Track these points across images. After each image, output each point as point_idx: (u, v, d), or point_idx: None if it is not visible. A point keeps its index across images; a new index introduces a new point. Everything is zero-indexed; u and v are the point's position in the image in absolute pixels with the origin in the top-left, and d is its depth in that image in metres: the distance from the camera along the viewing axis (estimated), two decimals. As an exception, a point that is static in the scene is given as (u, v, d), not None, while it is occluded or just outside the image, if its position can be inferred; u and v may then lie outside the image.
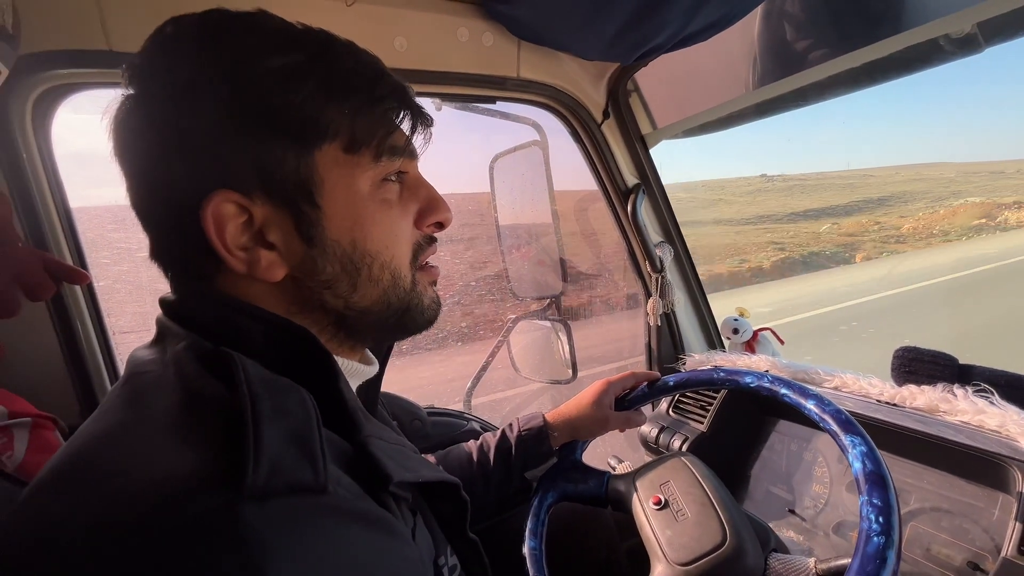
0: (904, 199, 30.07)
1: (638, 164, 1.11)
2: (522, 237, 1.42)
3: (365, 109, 0.39)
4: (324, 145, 0.37)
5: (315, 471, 0.29)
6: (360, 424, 0.36)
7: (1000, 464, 0.62)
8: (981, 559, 0.62)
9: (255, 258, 0.37)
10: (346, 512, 0.30)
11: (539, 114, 1.14)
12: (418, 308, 0.44)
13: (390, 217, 0.41)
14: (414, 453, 0.44)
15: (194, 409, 0.31)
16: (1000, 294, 7.84)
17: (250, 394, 0.30)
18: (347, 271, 0.39)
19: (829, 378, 0.88)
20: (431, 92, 0.93)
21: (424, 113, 0.43)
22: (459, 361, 2.56)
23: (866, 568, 0.42)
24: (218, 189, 0.35)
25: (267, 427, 0.29)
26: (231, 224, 0.35)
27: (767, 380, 0.63)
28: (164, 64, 0.36)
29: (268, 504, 0.27)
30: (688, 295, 1.22)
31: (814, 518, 0.82)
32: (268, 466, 0.27)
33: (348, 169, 0.38)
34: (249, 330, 0.36)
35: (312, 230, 0.38)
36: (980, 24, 0.68)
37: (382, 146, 0.40)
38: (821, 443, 0.87)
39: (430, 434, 0.96)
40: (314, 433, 0.31)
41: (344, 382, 0.37)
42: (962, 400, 0.68)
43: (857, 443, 0.51)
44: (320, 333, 0.41)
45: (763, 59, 0.83)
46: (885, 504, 0.45)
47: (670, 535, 0.57)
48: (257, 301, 0.38)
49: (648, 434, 1.03)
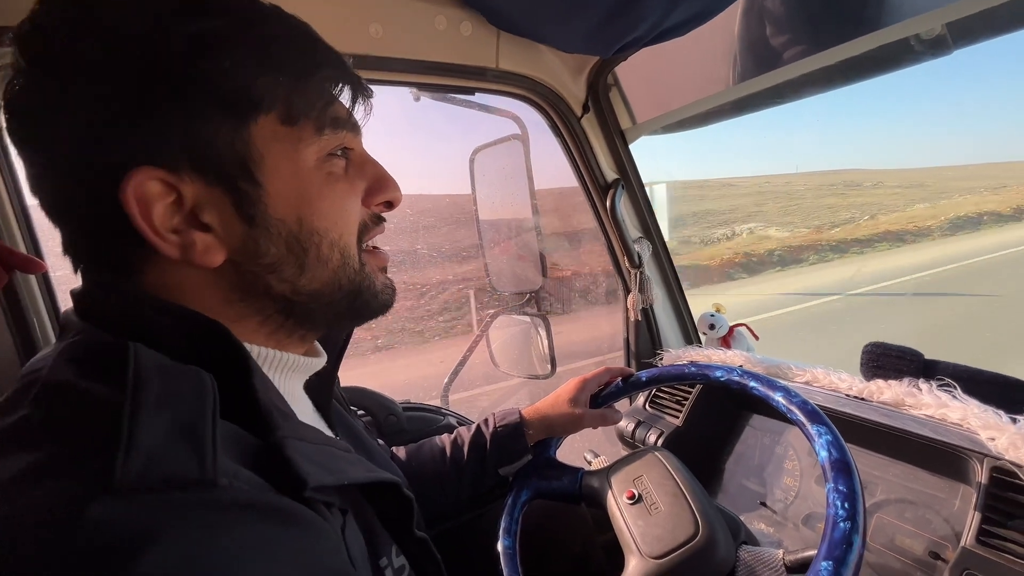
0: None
1: (617, 159, 1.11)
2: (502, 231, 1.41)
3: (302, 78, 0.36)
4: (260, 117, 0.34)
5: (201, 464, 0.27)
6: (275, 424, 0.33)
7: (961, 456, 0.64)
8: (942, 548, 0.63)
9: (189, 241, 0.34)
10: (240, 506, 0.27)
11: (519, 108, 1.13)
12: (370, 291, 0.42)
13: (337, 191, 0.39)
14: (346, 452, 0.40)
15: (68, 410, 0.28)
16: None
17: (133, 380, 0.27)
18: (293, 251, 0.37)
19: (800, 373, 0.89)
20: (407, 81, 0.92)
21: (364, 83, 0.41)
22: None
23: (833, 553, 0.43)
24: (139, 166, 0.31)
25: (147, 417, 0.26)
26: (158, 205, 0.32)
27: (736, 374, 0.65)
28: (63, 32, 0.32)
29: (138, 498, 0.24)
30: (666, 291, 1.22)
31: (784, 510, 0.83)
32: (144, 458, 0.25)
33: (289, 143, 0.36)
34: (155, 323, 0.33)
35: (253, 209, 0.35)
36: (948, 25, 0.69)
37: (323, 117, 0.37)
38: (792, 437, 0.88)
39: (406, 429, 0.95)
40: (205, 421, 0.28)
41: (260, 379, 0.34)
42: (926, 394, 0.69)
43: (823, 432, 0.53)
44: (263, 323, 0.39)
45: (741, 56, 0.83)
46: (850, 491, 0.47)
47: (644, 529, 0.57)
48: (191, 289, 0.35)
49: (625, 428, 1.03)
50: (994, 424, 0.60)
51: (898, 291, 10.25)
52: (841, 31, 0.74)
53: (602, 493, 0.65)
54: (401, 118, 4.42)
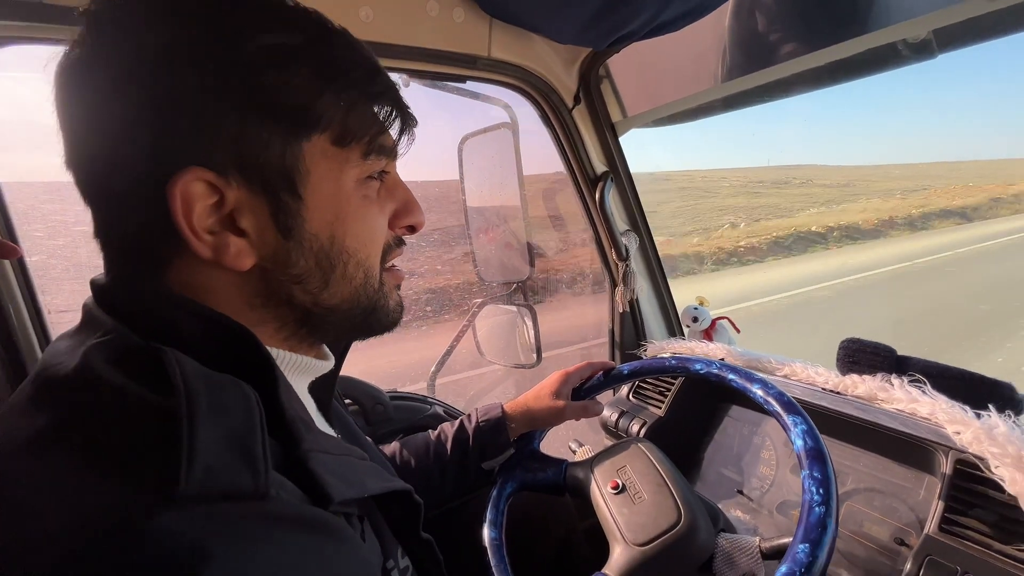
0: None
1: (607, 151, 1.11)
2: (490, 220, 1.41)
3: (361, 104, 0.37)
4: (314, 135, 0.35)
5: (255, 476, 0.28)
6: (300, 437, 0.34)
7: (928, 449, 0.67)
8: (906, 535, 0.67)
9: (223, 243, 0.34)
10: (288, 518, 0.29)
11: (509, 96, 1.13)
12: (384, 309, 0.43)
13: (370, 215, 0.40)
14: (362, 460, 0.41)
15: (114, 413, 0.28)
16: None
17: (185, 390, 0.27)
18: (321, 267, 0.38)
19: (780, 366, 0.92)
20: (398, 67, 0.90)
21: (412, 116, 0.42)
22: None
23: (810, 536, 0.46)
24: (191, 166, 0.32)
25: (203, 427, 0.27)
26: (199, 204, 0.33)
27: (715, 367, 0.68)
28: (137, 19, 0.32)
29: (198, 510, 0.25)
30: (651, 283, 1.24)
31: (760, 498, 0.86)
32: (202, 471, 0.26)
33: (336, 163, 0.37)
34: (183, 325, 0.34)
35: (291, 221, 0.36)
36: (935, 31, 0.70)
37: (372, 144, 0.38)
38: (769, 428, 0.91)
39: (393, 418, 0.95)
40: (256, 434, 0.29)
41: (285, 390, 0.35)
42: (898, 389, 0.72)
43: (798, 422, 0.56)
44: (280, 329, 0.39)
45: (732, 53, 0.84)
46: (824, 477, 0.50)
47: (628, 517, 0.59)
48: (216, 289, 0.36)
49: (608, 418, 1.06)
50: (960, 419, 0.63)
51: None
52: (831, 33, 0.75)
53: (586, 484, 0.67)
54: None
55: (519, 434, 0.75)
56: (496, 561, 0.63)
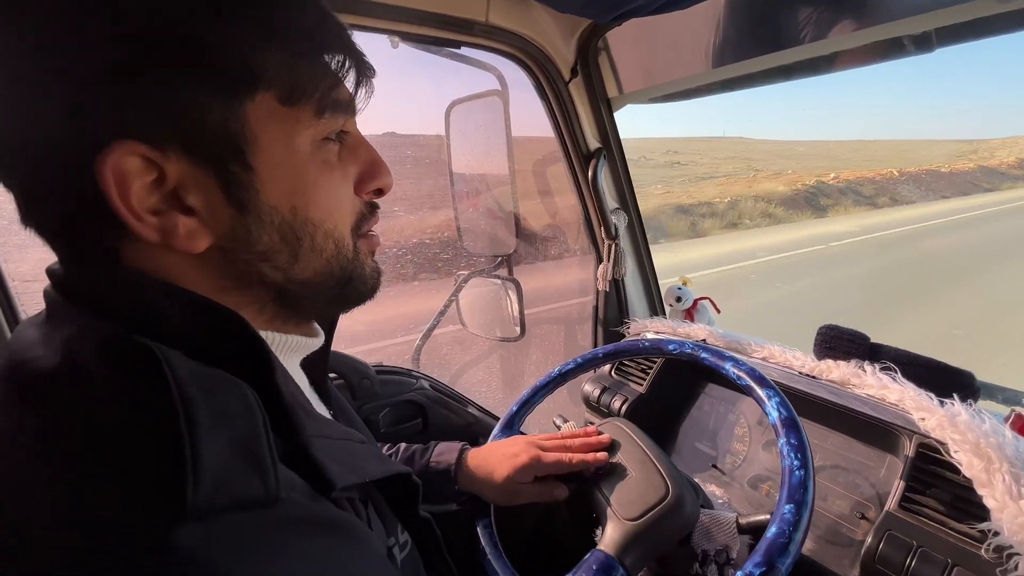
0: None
1: (601, 127, 1.10)
2: (476, 190, 1.38)
3: (308, 55, 0.33)
4: (258, 95, 0.31)
5: (264, 482, 0.27)
6: (300, 424, 0.32)
7: (894, 432, 0.71)
8: (867, 509, 0.72)
9: (170, 225, 0.31)
10: (301, 521, 0.28)
11: (501, 62, 1.08)
12: (360, 278, 0.41)
13: (332, 181, 0.37)
14: (361, 444, 0.40)
15: (112, 414, 0.26)
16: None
17: (182, 398, 0.26)
18: (287, 241, 0.35)
19: (759, 349, 0.95)
20: (388, 29, 0.85)
21: (369, 64, 0.38)
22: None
23: (794, 496, 0.50)
24: (120, 139, 0.28)
25: (206, 437, 0.25)
26: (136, 183, 0.29)
27: (688, 347, 0.70)
28: None
29: (213, 523, 0.24)
30: (636, 262, 1.25)
31: (732, 471, 0.91)
32: (211, 482, 0.25)
33: (287, 125, 0.33)
34: (165, 313, 0.31)
35: (244, 194, 0.32)
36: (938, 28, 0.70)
37: (325, 100, 0.34)
38: (744, 406, 0.95)
39: (378, 393, 0.95)
40: (262, 438, 0.28)
41: (282, 375, 0.33)
42: (870, 376, 0.76)
43: (772, 395, 0.59)
44: (261, 311, 0.37)
45: (735, 36, 0.82)
46: (800, 443, 0.54)
47: (618, 494, 0.61)
48: (177, 275, 0.33)
49: (591, 394, 1.08)
50: (926, 406, 0.67)
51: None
52: (833, 23, 0.74)
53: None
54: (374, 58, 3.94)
55: (469, 489, 0.67)
56: (491, 550, 0.65)
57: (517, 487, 0.65)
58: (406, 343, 1.62)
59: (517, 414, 0.79)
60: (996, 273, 7.97)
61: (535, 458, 0.65)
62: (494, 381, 1.51)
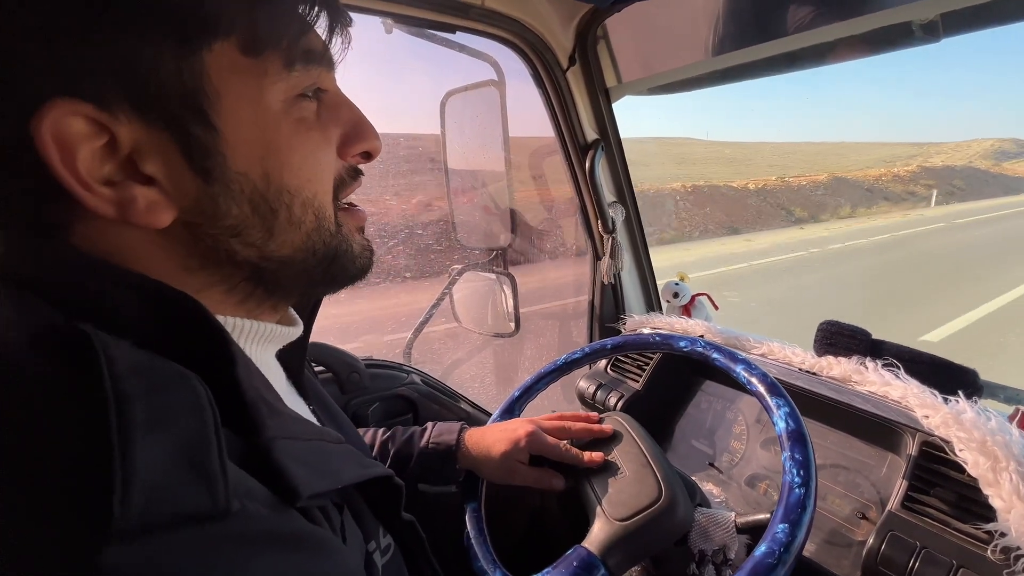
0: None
1: (599, 118, 1.07)
2: (471, 182, 1.36)
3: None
4: (215, 43, 0.28)
5: (212, 492, 0.23)
6: (262, 423, 0.29)
7: (896, 430, 0.69)
8: (867, 510, 0.70)
9: (127, 197, 0.28)
10: (257, 536, 0.25)
11: (497, 51, 1.06)
12: (348, 255, 0.37)
13: (310, 142, 0.33)
14: (337, 444, 0.36)
15: (31, 419, 0.22)
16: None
17: (116, 394, 0.22)
18: (259, 213, 0.31)
19: (757, 345, 0.93)
20: (381, 9, 0.82)
21: (344, 10, 0.34)
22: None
23: (789, 516, 0.48)
24: (56, 97, 0.25)
25: (141, 441, 0.22)
26: (84, 148, 0.26)
27: (700, 345, 0.68)
28: None
29: (147, 543, 0.21)
30: (633, 257, 1.23)
31: (729, 470, 0.89)
32: (144, 495, 0.21)
33: (252, 78, 0.30)
34: (111, 297, 0.27)
35: (208, 160, 0.29)
36: (943, 14, 0.69)
37: (294, 49, 0.31)
38: (742, 404, 0.94)
39: (367, 387, 0.93)
40: (210, 443, 0.24)
41: (244, 367, 0.30)
42: (872, 373, 0.75)
43: (782, 404, 0.57)
44: (230, 292, 0.34)
45: (737, 23, 0.80)
46: (805, 459, 0.51)
47: (610, 492, 0.59)
48: (135, 255, 0.29)
49: (586, 390, 1.06)
50: (930, 403, 0.66)
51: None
52: (837, 9, 0.72)
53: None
54: (363, 46, 3.83)
55: (466, 467, 0.67)
56: (475, 533, 0.63)
57: (514, 465, 0.64)
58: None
59: (519, 399, 0.77)
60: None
61: (532, 433, 0.65)
62: (487, 377, 1.48)
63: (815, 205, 25.20)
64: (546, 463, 0.66)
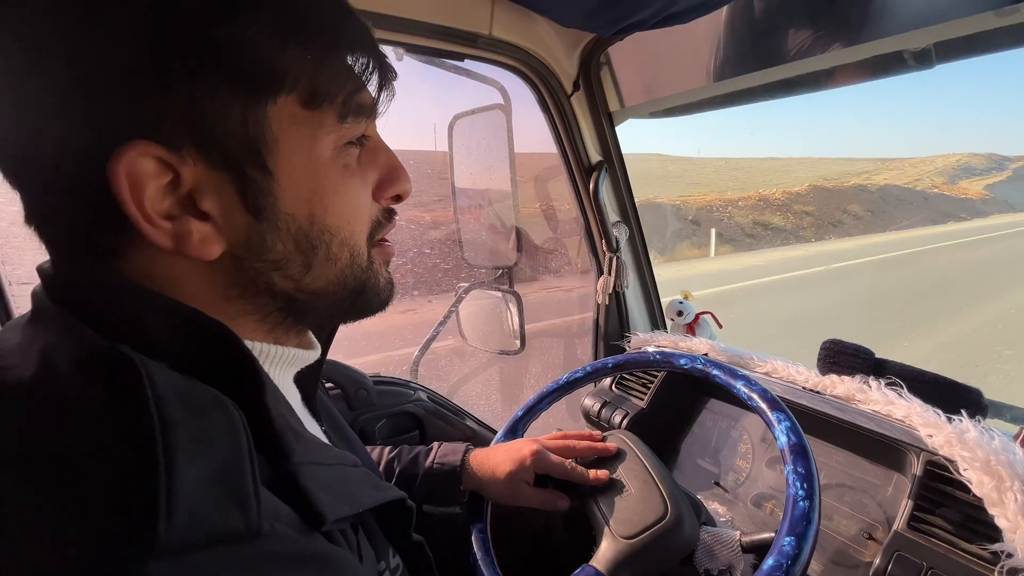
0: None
1: (603, 141, 1.10)
2: (479, 202, 1.39)
3: (332, 56, 0.32)
4: (280, 97, 0.30)
5: (245, 514, 0.25)
6: (290, 449, 0.30)
7: (900, 449, 0.70)
8: (874, 530, 0.70)
9: (184, 230, 0.30)
10: (285, 556, 0.26)
11: (503, 76, 1.09)
12: (374, 289, 0.39)
13: (352, 187, 0.36)
14: (355, 468, 0.38)
15: (83, 434, 0.24)
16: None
17: (161, 420, 0.24)
18: (301, 250, 0.34)
19: (761, 364, 0.94)
20: (393, 40, 0.86)
21: (391, 67, 0.37)
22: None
23: (795, 529, 0.48)
24: (135, 140, 0.27)
25: (183, 464, 0.24)
26: (151, 185, 0.28)
27: (700, 362, 0.69)
28: None
29: (185, 560, 0.22)
30: (637, 275, 1.25)
31: (735, 490, 0.89)
32: (185, 515, 0.23)
33: (308, 128, 0.32)
34: (151, 323, 0.30)
35: (262, 200, 0.31)
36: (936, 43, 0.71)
37: (349, 103, 0.33)
38: (747, 422, 0.94)
39: (375, 403, 0.94)
40: (245, 466, 0.26)
41: (272, 394, 0.31)
42: (875, 391, 0.75)
43: (782, 419, 0.57)
44: (263, 321, 0.36)
45: (736, 50, 0.83)
46: (807, 472, 0.52)
47: (616, 511, 0.59)
48: (183, 283, 0.32)
49: (591, 408, 1.07)
50: (933, 422, 0.66)
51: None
52: (834, 38, 0.75)
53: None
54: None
55: (471, 488, 0.67)
56: (482, 555, 0.63)
57: (519, 486, 0.64)
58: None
59: (522, 419, 0.78)
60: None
61: (537, 452, 0.65)
62: (493, 394, 1.49)
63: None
64: (551, 482, 0.67)
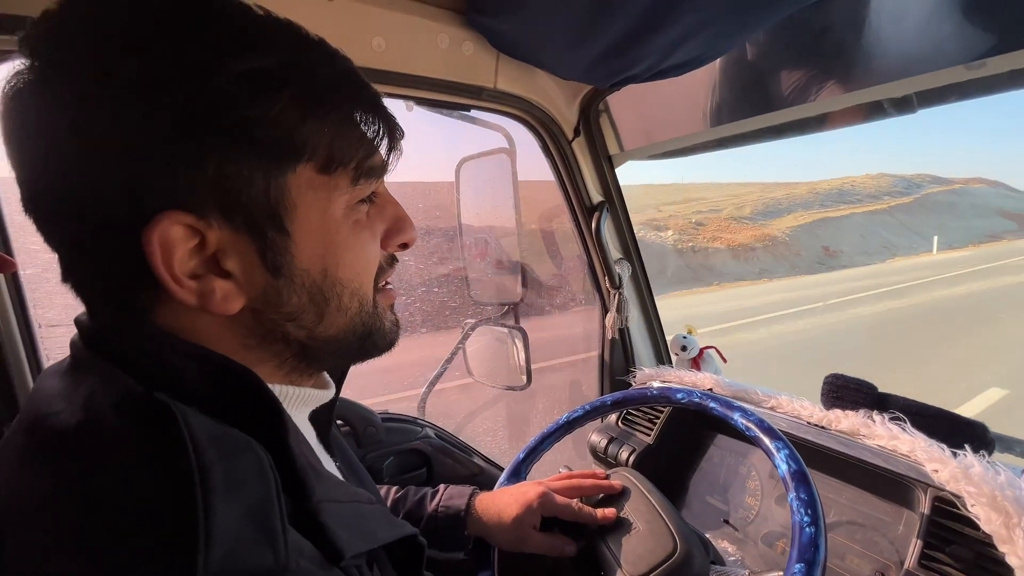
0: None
1: (604, 182, 1.15)
2: (484, 241, 1.43)
3: (346, 125, 0.35)
4: (299, 166, 0.33)
5: (275, 551, 0.27)
6: (311, 487, 0.32)
7: (907, 485, 0.69)
8: (887, 569, 0.69)
9: (208, 289, 0.32)
10: None
11: (507, 122, 1.15)
12: (380, 332, 0.41)
13: (362, 241, 0.38)
14: (370, 505, 0.40)
15: (122, 480, 0.26)
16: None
17: (199, 463, 0.26)
18: (315, 302, 0.36)
19: (766, 399, 0.94)
20: (404, 95, 0.92)
21: (402, 130, 0.40)
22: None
23: (804, 556, 0.48)
24: (168, 210, 0.29)
25: (220, 504, 0.25)
26: (180, 249, 0.30)
27: (696, 396, 0.70)
28: (92, 48, 0.29)
29: None
30: (641, 311, 1.27)
31: (745, 527, 0.88)
32: (221, 552, 0.24)
33: (324, 192, 0.35)
34: (184, 369, 0.32)
35: (280, 259, 0.34)
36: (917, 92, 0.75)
37: (361, 168, 0.36)
38: (755, 458, 0.93)
39: (384, 440, 0.95)
40: (274, 506, 0.28)
41: (294, 435, 0.33)
42: (879, 426, 0.75)
43: (781, 447, 0.58)
44: (280, 367, 0.38)
45: (727, 99, 0.88)
46: (810, 497, 0.52)
47: (625, 548, 0.59)
48: (205, 335, 0.34)
49: (597, 444, 1.07)
50: (938, 457, 0.66)
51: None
52: (820, 87, 0.79)
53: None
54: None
55: (477, 534, 0.66)
56: None
57: (526, 531, 0.64)
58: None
59: (524, 461, 0.78)
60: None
61: (544, 495, 0.65)
62: (500, 431, 1.49)
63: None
64: (556, 525, 0.66)
